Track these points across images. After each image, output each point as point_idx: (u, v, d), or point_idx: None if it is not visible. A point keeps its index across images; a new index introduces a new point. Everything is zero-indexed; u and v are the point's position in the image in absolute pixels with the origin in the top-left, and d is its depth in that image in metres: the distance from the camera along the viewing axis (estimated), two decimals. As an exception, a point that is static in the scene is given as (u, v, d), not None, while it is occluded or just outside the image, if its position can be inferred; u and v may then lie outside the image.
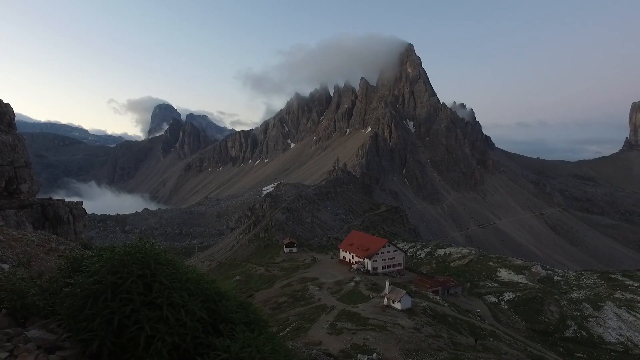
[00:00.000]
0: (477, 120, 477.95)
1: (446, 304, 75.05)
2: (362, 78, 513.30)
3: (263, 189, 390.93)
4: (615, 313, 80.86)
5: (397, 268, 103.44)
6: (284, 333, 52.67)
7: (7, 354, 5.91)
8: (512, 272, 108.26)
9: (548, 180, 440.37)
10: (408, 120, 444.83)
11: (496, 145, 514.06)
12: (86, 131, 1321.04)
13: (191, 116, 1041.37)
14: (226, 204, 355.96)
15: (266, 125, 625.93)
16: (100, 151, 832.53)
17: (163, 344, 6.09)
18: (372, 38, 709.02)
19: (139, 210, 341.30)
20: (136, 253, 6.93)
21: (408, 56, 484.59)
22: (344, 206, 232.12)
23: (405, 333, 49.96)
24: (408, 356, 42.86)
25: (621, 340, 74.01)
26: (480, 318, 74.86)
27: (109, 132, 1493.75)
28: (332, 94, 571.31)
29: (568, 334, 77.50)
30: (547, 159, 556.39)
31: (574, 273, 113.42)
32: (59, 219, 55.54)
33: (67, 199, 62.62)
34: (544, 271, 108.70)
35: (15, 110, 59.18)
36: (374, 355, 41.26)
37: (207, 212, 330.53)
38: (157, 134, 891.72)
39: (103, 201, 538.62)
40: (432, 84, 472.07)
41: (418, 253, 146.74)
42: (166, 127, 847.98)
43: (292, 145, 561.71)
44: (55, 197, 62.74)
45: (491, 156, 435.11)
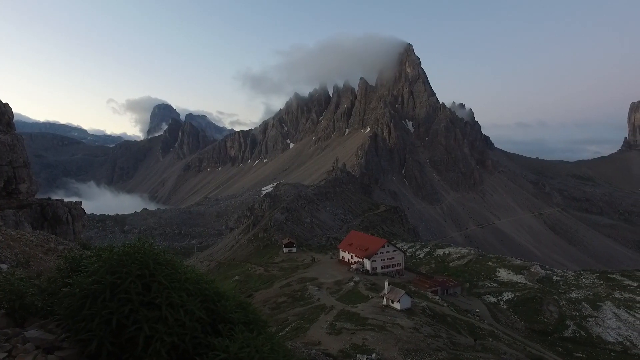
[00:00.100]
0: (477, 120, 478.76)
1: (445, 304, 75.10)
2: (361, 78, 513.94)
3: (262, 189, 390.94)
4: (614, 313, 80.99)
5: (396, 268, 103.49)
6: (283, 333, 52.67)
7: (6, 355, 5.91)
8: (511, 272, 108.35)
9: (547, 180, 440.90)
10: (407, 120, 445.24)
11: (495, 145, 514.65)
12: (85, 131, 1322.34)
13: (190, 116, 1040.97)
14: (225, 204, 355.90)
15: (265, 125, 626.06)
16: (99, 151, 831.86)
17: (162, 344, 6.08)
18: (371, 38, 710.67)
19: (138, 210, 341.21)
20: (135, 253, 6.93)
21: (407, 56, 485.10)
22: (343, 206, 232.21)
23: (404, 333, 49.99)
24: (407, 356, 42.87)
25: (620, 340, 74.13)
26: (479, 318, 74.92)
27: (108, 132, 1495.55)
28: (331, 94, 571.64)
29: (567, 334, 77.61)
30: (546, 159, 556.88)
31: (573, 273, 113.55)
32: (58, 219, 55.52)
33: (66, 199, 62.65)
34: (543, 271, 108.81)
35: (14, 110, 59.18)
36: (373, 355, 41.28)
37: (206, 212, 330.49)
38: (156, 134, 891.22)
39: (102, 201, 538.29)
40: (431, 84, 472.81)
41: (417, 253, 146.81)
42: (165, 127, 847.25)
43: (292, 145, 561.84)
44: (54, 197, 62.75)
45: (490, 156, 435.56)
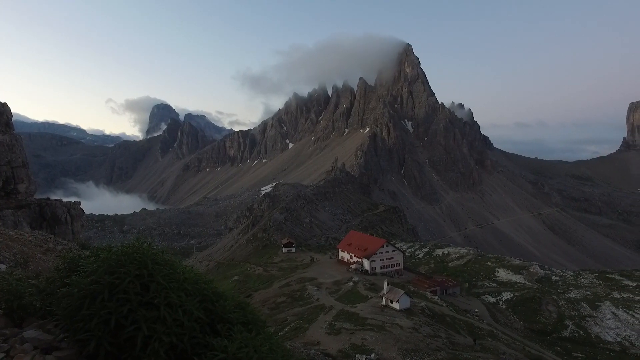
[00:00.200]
0: (476, 120, 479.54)
1: (444, 304, 75.10)
2: (361, 78, 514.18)
3: (261, 189, 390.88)
4: (612, 312, 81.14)
5: (396, 268, 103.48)
6: (283, 333, 52.66)
7: (4, 355, 5.90)
8: (510, 272, 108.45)
9: (546, 180, 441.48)
10: (406, 120, 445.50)
11: (494, 145, 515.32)
12: (84, 131, 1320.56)
13: (189, 116, 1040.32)
14: (224, 204, 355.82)
15: (264, 125, 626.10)
16: (98, 151, 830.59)
17: (160, 344, 6.08)
18: (371, 38, 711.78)
19: (137, 210, 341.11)
20: (133, 253, 6.93)
21: (406, 56, 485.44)
22: (343, 206, 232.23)
23: (403, 333, 50.00)
24: (406, 356, 42.88)
25: (618, 339, 74.28)
26: (478, 318, 74.95)
27: (107, 132, 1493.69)
28: (331, 94, 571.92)
29: (566, 334, 77.73)
30: (545, 159, 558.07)
31: (572, 273, 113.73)
32: (57, 219, 55.46)
33: (65, 199, 62.60)
34: (542, 271, 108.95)
35: (12, 110, 59.14)
36: (372, 355, 41.28)
37: (206, 212, 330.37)
38: (155, 134, 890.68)
39: (101, 201, 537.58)
40: (431, 84, 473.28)
41: (416, 253, 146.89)
42: (164, 127, 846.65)
43: (291, 145, 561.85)
44: (52, 197, 62.68)
45: (489, 156, 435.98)
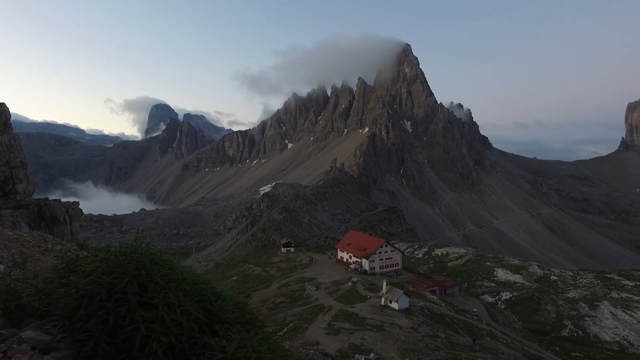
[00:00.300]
0: (475, 120, 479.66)
1: (443, 304, 75.14)
2: (360, 78, 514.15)
3: (260, 189, 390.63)
4: (611, 312, 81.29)
5: (395, 268, 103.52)
6: (282, 333, 52.65)
7: (1, 355, 5.89)
8: (509, 272, 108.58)
9: (545, 180, 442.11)
10: (405, 120, 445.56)
11: (493, 145, 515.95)
12: (83, 131, 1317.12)
13: (188, 116, 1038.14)
14: (223, 204, 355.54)
15: (263, 125, 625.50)
16: (97, 151, 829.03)
17: (158, 345, 6.07)
18: (370, 38, 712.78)
19: (136, 210, 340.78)
20: (132, 253, 6.92)
21: (405, 56, 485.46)
22: (342, 206, 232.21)
23: (402, 333, 50.03)
24: (405, 356, 42.90)
25: (617, 339, 74.41)
26: (477, 318, 75.01)
27: (106, 132, 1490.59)
28: (330, 94, 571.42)
29: (564, 334, 77.84)
30: (544, 159, 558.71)
31: (571, 273, 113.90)
32: (55, 219, 55.36)
33: (64, 199, 62.49)
34: (541, 271, 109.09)
35: (11, 110, 58.99)
36: (372, 355, 41.29)
37: (205, 213, 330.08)
38: (154, 134, 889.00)
39: (100, 201, 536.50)
40: (430, 84, 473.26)
41: (415, 253, 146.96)
42: (163, 127, 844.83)
43: (290, 145, 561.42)
44: (51, 198, 62.58)
45: (488, 156, 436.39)
